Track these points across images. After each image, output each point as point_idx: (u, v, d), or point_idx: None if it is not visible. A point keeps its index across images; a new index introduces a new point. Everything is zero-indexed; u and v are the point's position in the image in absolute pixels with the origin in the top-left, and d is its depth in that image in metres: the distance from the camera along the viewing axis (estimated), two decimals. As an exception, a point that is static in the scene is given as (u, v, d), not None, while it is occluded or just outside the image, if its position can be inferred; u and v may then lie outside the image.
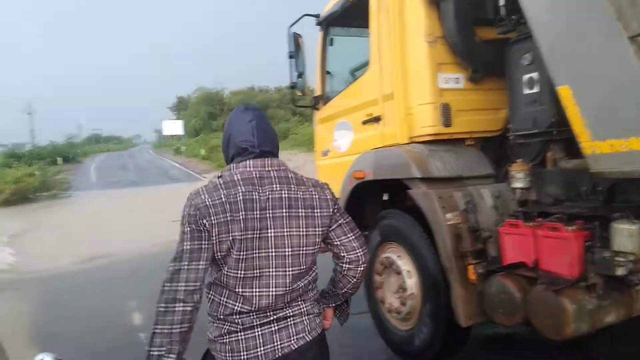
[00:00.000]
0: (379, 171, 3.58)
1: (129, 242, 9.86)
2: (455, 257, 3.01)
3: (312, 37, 4.68)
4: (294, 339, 1.60)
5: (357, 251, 1.73)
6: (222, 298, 1.58)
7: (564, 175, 2.97)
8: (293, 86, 4.54)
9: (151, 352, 1.47)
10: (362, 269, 1.76)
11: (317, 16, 4.50)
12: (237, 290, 1.55)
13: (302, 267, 1.62)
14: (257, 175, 1.61)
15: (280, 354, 1.57)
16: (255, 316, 1.57)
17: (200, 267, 1.52)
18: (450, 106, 3.33)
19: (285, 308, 1.61)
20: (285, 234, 1.59)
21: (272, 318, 1.59)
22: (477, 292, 2.98)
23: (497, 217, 3.09)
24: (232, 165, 1.65)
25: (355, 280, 1.78)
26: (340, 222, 1.72)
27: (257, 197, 1.57)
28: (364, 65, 4.08)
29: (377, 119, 3.73)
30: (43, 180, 21.08)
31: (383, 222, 3.76)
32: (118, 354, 4.38)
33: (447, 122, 3.32)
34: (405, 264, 3.47)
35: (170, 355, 1.46)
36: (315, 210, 1.65)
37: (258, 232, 1.55)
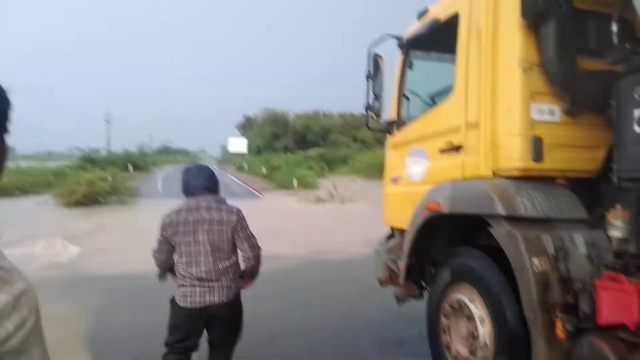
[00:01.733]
0: (456, 204, 3.31)
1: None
2: (541, 309, 2.67)
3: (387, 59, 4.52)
4: (216, 298, 2.96)
5: (248, 253, 3.08)
6: (181, 272, 3.00)
7: (676, 227, 2.59)
8: (368, 108, 4.38)
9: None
10: (252, 262, 3.13)
11: (399, 38, 4.35)
12: (185, 268, 2.97)
13: (219, 257, 2.97)
14: (195, 206, 2.99)
15: (208, 304, 2.95)
16: (195, 280, 2.95)
17: (162, 255, 3.10)
18: (543, 140, 3.03)
19: (213, 281, 2.95)
20: (207, 238, 2.94)
21: (203, 284, 2.95)
22: (564, 351, 2.63)
23: (592, 268, 2.73)
24: (186, 199, 3.06)
25: (251, 266, 3.16)
26: (241, 235, 3.02)
27: (191, 218, 2.95)
28: (445, 91, 3.86)
29: (457, 148, 3.48)
30: (114, 185, 22.05)
31: (455, 260, 3.48)
32: None
33: (538, 157, 3.03)
34: (478, 308, 3.16)
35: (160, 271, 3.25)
36: (224, 227, 2.96)
37: (193, 237, 2.94)
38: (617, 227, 2.75)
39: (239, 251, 3.10)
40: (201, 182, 3.03)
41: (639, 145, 2.57)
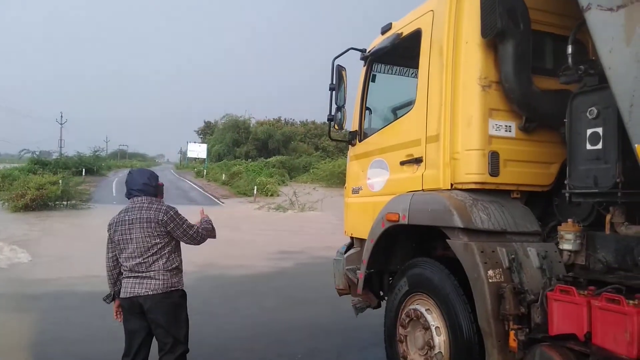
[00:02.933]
0: (415, 216, 3.35)
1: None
2: (495, 320, 2.74)
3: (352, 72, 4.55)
4: (142, 290, 3.22)
5: (191, 243, 3.44)
6: (122, 267, 3.32)
7: (622, 241, 2.71)
8: (331, 119, 4.39)
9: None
10: (199, 241, 3.50)
11: (363, 51, 4.39)
12: (123, 263, 3.30)
13: (149, 252, 3.25)
14: (131, 207, 3.35)
15: (136, 294, 3.22)
16: (129, 272, 3.27)
17: (110, 253, 3.38)
18: (499, 155, 3.13)
19: (143, 272, 3.24)
20: (138, 235, 3.25)
21: (136, 275, 3.25)
22: (516, 360, 2.69)
23: (544, 280, 2.82)
24: (128, 201, 3.41)
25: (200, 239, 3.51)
26: (178, 233, 3.34)
27: (127, 218, 3.30)
28: (407, 104, 3.93)
29: (417, 161, 3.53)
30: (65, 189, 21.16)
31: (413, 270, 3.51)
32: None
33: (495, 172, 3.12)
34: (434, 319, 3.20)
35: (110, 286, 3.44)
36: (152, 224, 3.26)
37: (128, 235, 3.26)
38: (568, 240, 2.87)
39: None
40: (138, 185, 3.39)
41: (590, 163, 2.68)
